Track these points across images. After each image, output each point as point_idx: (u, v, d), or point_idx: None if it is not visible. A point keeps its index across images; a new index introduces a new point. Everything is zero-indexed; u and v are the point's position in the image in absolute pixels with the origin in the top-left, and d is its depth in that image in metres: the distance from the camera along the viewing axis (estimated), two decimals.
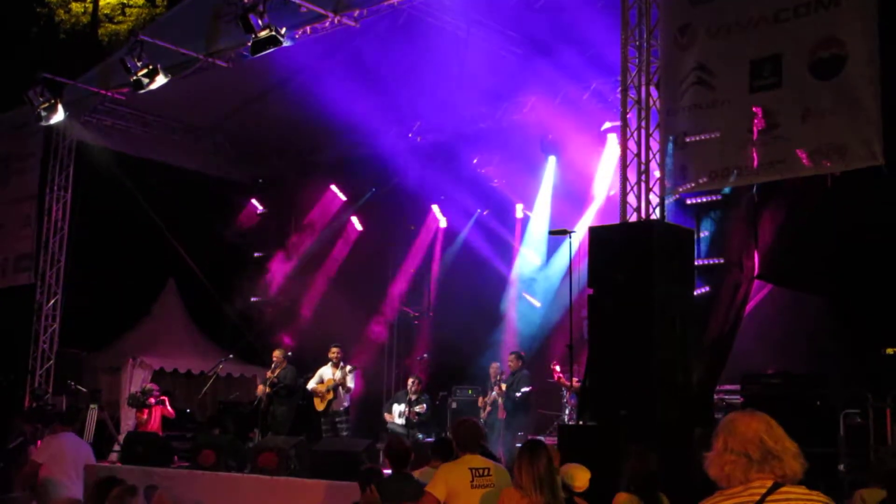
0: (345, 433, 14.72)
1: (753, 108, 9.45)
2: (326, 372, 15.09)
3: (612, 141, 14.96)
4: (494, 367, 15.19)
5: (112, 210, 17.48)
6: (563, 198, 17.03)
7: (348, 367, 15.01)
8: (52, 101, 15.97)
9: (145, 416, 15.59)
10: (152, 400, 15.64)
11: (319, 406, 15.08)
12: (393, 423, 15.57)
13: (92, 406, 15.24)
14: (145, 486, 10.87)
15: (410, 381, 15.82)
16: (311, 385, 15.16)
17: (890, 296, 11.32)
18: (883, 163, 8.65)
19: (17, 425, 14.87)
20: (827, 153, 8.95)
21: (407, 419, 15.34)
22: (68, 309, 17.15)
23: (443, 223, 19.86)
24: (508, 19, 14.16)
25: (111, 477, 6.80)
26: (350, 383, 14.96)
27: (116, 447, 15.01)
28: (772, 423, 3.50)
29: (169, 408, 15.95)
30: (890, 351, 11.07)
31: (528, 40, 14.51)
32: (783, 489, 3.37)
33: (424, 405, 15.43)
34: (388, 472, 8.81)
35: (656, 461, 7.11)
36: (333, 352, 15.13)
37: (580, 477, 7.19)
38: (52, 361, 16.78)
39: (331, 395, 14.91)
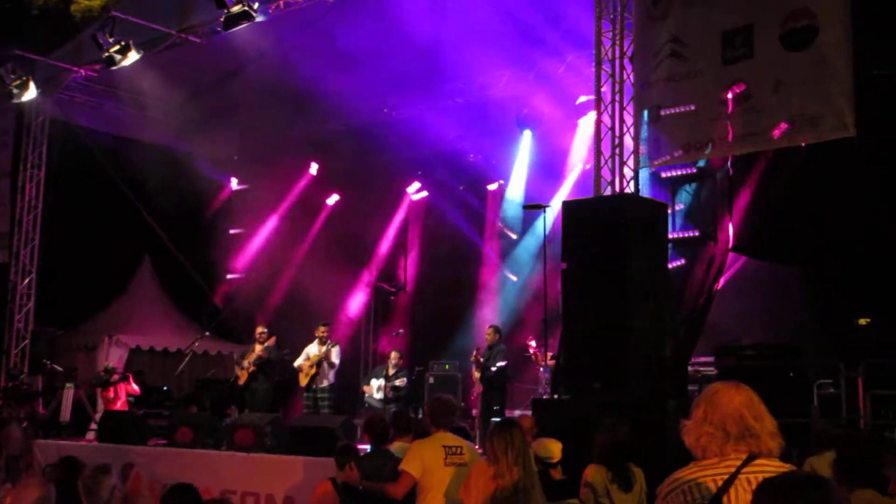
0: (326, 410, 14.72)
1: (726, 80, 9.46)
2: (312, 349, 15.11)
3: (588, 115, 14.94)
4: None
5: (86, 188, 17.31)
6: (539, 172, 17.03)
7: (331, 343, 15.04)
8: (24, 79, 15.84)
9: (111, 395, 15.55)
10: (116, 377, 15.58)
11: (303, 382, 15.10)
12: (371, 396, 15.58)
13: (68, 385, 15.15)
14: (122, 463, 10.92)
15: (394, 354, 15.80)
16: (298, 362, 15.18)
17: (862, 267, 11.40)
18: (855, 134, 8.68)
19: None
20: (800, 125, 8.97)
21: (384, 394, 15.34)
22: (43, 287, 17.05)
23: (419, 197, 19.83)
24: None
25: (71, 457, 6.77)
26: (335, 358, 14.98)
27: (93, 426, 14.96)
28: (754, 398, 3.48)
29: (133, 385, 15.88)
30: (862, 321, 11.15)
31: (504, 14, 14.43)
32: (758, 461, 3.36)
33: (405, 379, 15.44)
34: (363, 446, 8.84)
35: (627, 433, 7.16)
36: (321, 330, 15.16)
37: (553, 449, 7.26)
38: (27, 341, 16.70)
39: (314, 371, 14.90)
